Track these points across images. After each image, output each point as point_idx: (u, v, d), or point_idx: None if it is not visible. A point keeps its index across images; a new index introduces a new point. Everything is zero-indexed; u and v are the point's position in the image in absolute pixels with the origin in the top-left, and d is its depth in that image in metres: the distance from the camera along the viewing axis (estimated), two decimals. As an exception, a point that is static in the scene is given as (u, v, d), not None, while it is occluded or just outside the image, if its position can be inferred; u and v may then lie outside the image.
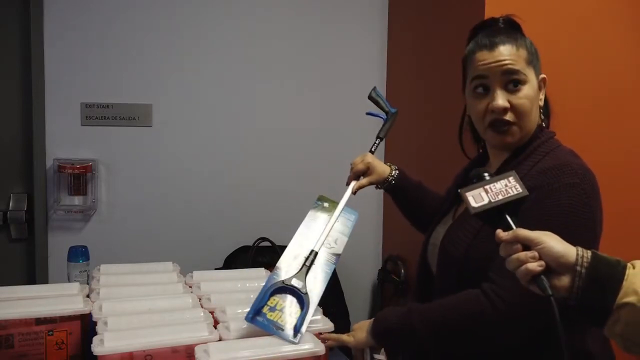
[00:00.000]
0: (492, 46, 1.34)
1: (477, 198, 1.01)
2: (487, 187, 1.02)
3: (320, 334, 1.36)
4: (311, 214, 1.56)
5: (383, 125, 1.71)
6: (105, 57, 2.56)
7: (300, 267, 1.41)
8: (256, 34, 2.72)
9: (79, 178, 2.52)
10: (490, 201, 1.01)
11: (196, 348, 1.22)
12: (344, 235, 1.52)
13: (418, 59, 2.61)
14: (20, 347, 1.31)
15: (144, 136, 2.63)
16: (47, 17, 2.49)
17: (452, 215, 1.50)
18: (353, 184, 1.65)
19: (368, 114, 1.74)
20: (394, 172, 1.69)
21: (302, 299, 1.35)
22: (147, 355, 1.23)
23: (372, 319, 1.38)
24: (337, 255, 1.47)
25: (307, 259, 1.43)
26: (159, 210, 2.66)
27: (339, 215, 1.54)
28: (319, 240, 1.47)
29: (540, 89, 1.38)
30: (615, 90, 2.17)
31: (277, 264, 1.43)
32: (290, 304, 1.35)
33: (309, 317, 1.32)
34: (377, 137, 1.71)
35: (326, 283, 1.41)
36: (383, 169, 1.69)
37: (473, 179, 1.05)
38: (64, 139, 2.54)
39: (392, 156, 2.84)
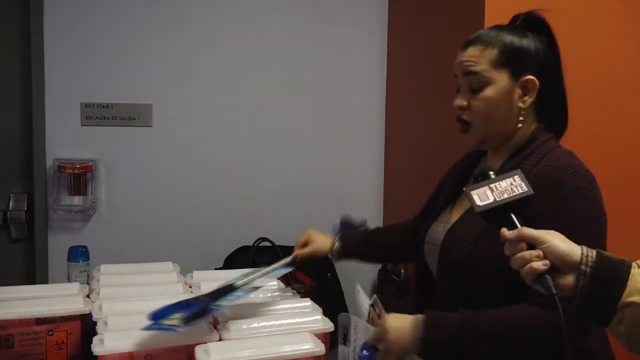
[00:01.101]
0: (465, 46, 1.37)
1: (482, 196, 1.01)
2: (492, 185, 1.02)
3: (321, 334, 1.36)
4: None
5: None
6: (105, 57, 2.56)
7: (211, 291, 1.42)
8: (256, 34, 2.71)
9: (79, 178, 2.52)
10: (495, 200, 1.00)
11: (196, 348, 1.22)
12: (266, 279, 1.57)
13: (418, 59, 2.61)
14: (20, 347, 1.30)
15: (144, 136, 2.62)
16: (47, 17, 2.48)
17: (448, 214, 1.48)
18: (295, 253, 1.68)
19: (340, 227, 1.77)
20: (336, 244, 1.70)
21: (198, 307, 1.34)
22: (147, 355, 1.23)
23: (415, 324, 1.22)
24: (255, 288, 1.50)
25: (221, 287, 1.43)
26: (159, 210, 2.65)
27: (271, 270, 1.57)
28: (243, 279, 1.48)
29: (525, 90, 1.34)
30: (616, 90, 2.17)
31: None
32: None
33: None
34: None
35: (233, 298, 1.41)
36: (323, 242, 1.70)
37: (478, 177, 1.05)
38: (64, 139, 2.54)
39: (391, 156, 2.84)
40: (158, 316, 1.28)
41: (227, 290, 1.42)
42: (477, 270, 1.29)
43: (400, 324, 1.22)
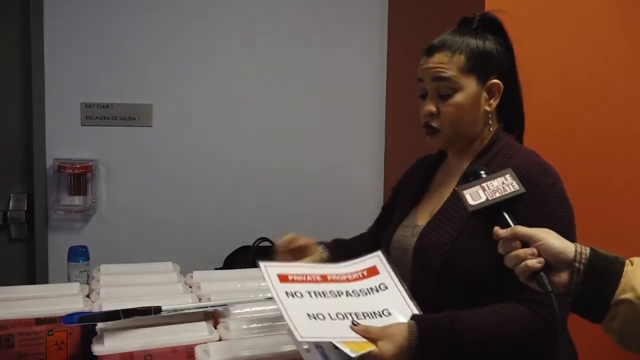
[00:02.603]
0: (430, 52, 1.38)
1: (475, 196, 1.02)
2: (484, 184, 1.02)
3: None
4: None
5: None
6: (105, 57, 2.56)
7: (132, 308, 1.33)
8: (256, 34, 2.71)
9: (79, 178, 2.52)
10: (487, 199, 1.01)
11: (196, 348, 1.22)
12: None
13: (418, 60, 2.60)
14: (20, 347, 1.31)
15: (144, 136, 2.63)
16: (47, 17, 2.49)
17: (413, 218, 1.46)
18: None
19: None
20: (325, 254, 1.55)
21: None
22: (147, 355, 1.23)
23: (408, 335, 1.14)
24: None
25: (145, 307, 1.33)
26: (159, 210, 2.66)
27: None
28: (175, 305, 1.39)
29: (490, 93, 1.36)
30: (613, 89, 2.17)
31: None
32: None
33: None
34: None
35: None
36: (317, 250, 1.56)
37: (469, 176, 1.05)
38: (64, 139, 2.55)
39: (391, 156, 2.84)
40: (69, 319, 1.31)
41: (149, 311, 1.33)
42: (454, 272, 1.27)
43: (393, 339, 1.13)
